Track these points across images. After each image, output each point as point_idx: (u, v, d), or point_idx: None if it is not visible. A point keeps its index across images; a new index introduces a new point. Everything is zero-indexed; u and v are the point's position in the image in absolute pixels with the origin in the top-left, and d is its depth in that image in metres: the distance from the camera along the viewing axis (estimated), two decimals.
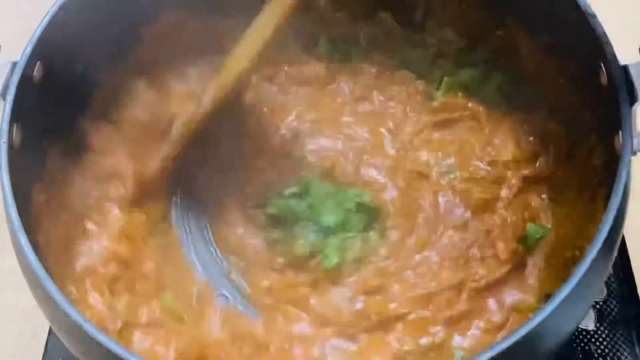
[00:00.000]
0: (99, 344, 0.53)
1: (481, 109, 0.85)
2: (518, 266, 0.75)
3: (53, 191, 0.72)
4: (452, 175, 0.83)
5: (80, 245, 0.73)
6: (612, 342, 0.80)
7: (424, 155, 0.85)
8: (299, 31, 0.86)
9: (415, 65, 0.89)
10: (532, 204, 0.79)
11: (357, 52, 0.90)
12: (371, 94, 0.89)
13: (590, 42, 0.65)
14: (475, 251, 0.78)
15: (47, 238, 0.67)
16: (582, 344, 0.80)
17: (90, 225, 0.75)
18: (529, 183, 0.80)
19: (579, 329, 0.80)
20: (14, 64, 0.65)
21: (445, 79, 0.87)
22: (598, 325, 0.81)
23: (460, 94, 0.86)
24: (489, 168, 0.82)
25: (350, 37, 0.90)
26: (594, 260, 0.55)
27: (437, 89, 0.87)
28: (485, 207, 0.80)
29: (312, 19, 0.88)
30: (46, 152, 0.72)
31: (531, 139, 0.81)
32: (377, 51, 0.90)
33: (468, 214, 0.80)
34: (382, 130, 0.87)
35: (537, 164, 0.80)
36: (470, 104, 0.86)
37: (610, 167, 0.61)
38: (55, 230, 0.70)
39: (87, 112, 0.78)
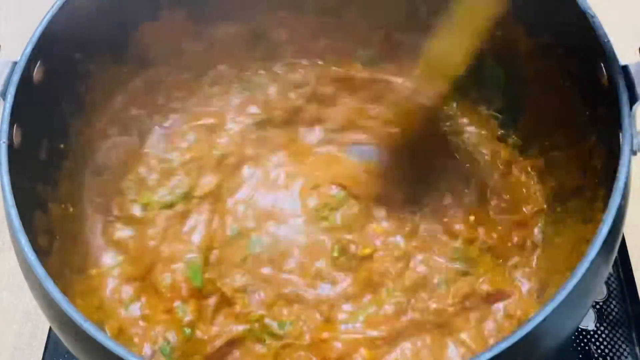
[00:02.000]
0: (99, 344, 0.53)
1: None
2: None
3: None
4: None
5: None
6: (612, 342, 0.80)
7: None
8: None
9: None
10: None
11: None
12: None
13: (590, 42, 0.65)
14: None
15: None
16: (582, 344, 0.80)
17: None
18: None
19: (579, 329, 0.80)
20: (14, 64, 0.65)
21: None
22: (598, 325, 0.81)
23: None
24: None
25: None
26: (594, 260, 0.55)
27: None
28: None
29: None
30: None
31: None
32: None
33: None
34: None
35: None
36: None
37: (610, 167, 0.61)
38: None
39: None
